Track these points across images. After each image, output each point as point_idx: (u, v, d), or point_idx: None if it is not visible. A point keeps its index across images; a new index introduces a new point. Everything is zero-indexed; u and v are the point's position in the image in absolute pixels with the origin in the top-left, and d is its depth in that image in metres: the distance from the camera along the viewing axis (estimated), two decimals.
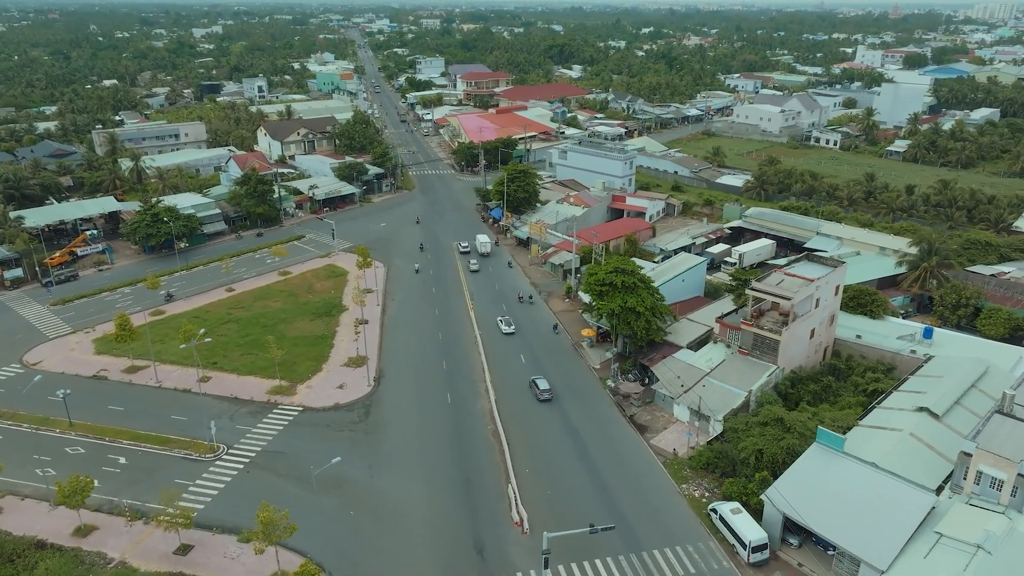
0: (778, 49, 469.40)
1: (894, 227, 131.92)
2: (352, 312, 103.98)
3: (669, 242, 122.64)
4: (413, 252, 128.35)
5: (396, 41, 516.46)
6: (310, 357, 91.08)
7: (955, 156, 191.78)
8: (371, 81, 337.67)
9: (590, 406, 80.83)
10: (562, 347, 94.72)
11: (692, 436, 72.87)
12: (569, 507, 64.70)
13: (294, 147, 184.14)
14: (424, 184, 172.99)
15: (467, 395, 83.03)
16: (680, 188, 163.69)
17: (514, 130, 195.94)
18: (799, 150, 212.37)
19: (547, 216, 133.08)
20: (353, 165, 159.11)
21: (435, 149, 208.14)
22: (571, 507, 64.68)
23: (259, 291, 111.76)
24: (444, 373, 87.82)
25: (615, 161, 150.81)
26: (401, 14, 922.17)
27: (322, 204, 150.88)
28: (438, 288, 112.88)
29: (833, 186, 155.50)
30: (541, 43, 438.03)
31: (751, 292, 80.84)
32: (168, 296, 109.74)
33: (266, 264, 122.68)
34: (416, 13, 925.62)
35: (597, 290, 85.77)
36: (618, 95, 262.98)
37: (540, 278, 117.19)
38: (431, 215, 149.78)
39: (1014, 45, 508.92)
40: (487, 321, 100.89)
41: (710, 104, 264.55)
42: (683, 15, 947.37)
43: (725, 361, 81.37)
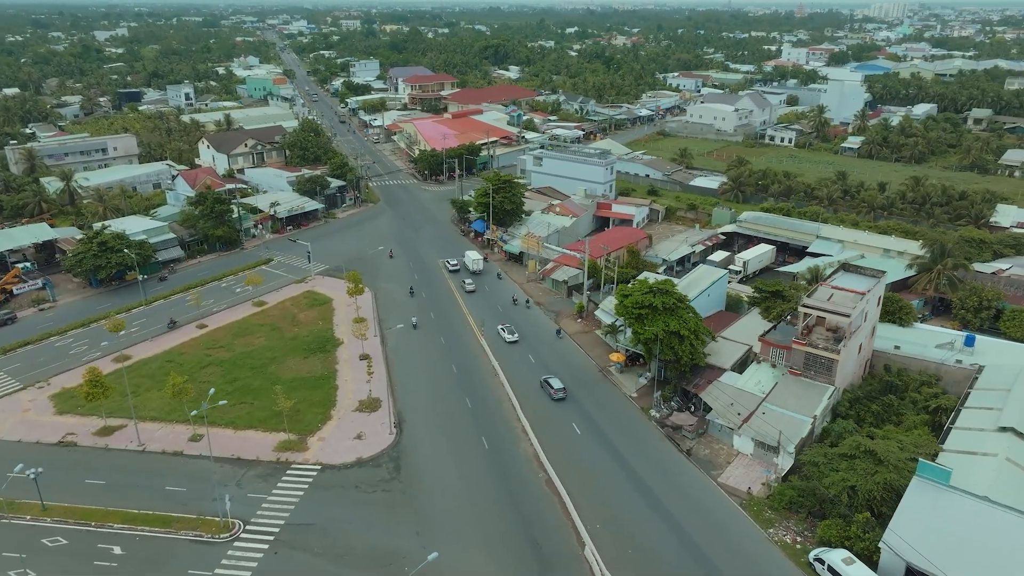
0: (705, 47, 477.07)
1: (879, 226, 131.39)
2: (349, 346, 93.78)
3: (670, 251, 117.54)
4: (398, 273, 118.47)
5: (320, 43, 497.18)
6: (314, 403, 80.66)
7: (908, 151, 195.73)
8: (305, 87, 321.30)
9: (640, 442, 74.08)
10: (589, 373, 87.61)
11: (771, 473, 67.03)
12: (656, 567, 57.72)
13: (242, 160, 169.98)
14: (389, 196, 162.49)
15: (503, 437, 74.79)
16: (656, 192, 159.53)
17: (475, 136, 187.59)
18: (756, 148, 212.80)
19: (536, 228, 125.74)
20: (314, 178, 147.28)
21: (391, 158, 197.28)
22: (659, 567, 57.72)
23: (236, 326, 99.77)
24: (470, 412, 79.23)
25: (596, 167, 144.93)
26: (316, 15, 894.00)
27: (285, 222, 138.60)
28: (436, 313, 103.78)
29: (810, 186, 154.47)
30: (475, 44, 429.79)
31: (804, 309, 75.94)
32: (172, 323, 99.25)
33: (236, 294, 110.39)
34: (333, 14, 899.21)
35: (635, 313, 79.04)
36: (569, 97, 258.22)
37: (542, 296, 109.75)
38: (405, 231, 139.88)
39: (919, 42, 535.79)
40: (502, 349, 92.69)
41: (659, 104, 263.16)
42: (601, 15, 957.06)
43: (778, 384, 76.17)
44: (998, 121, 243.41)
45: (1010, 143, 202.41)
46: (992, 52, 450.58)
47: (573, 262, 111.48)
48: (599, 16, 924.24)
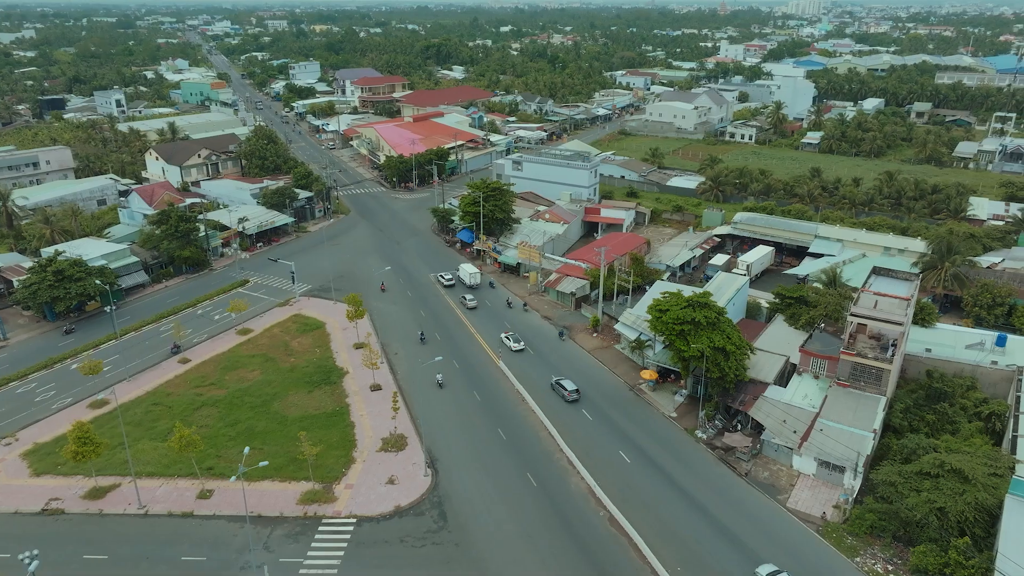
0: (644, 45, 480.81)
1: (864, 223, 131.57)
2: (356, 375, 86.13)
3: (672, 256, 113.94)
4: (390, 291, 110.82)
5: (251, 44, 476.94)
6: (332, 444, 73.00)
7: (867, 146, 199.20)
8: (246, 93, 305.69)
9: (694, 467, 69.69)
10: (620, 392, 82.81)
11: (847, 497, 63.56)
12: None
13: (195, 172, 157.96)
14: (360, 206, 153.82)
15: (549, 472, 69.13)
16: (636, 194, 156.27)
17: (441, 139, 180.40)
18: (717, 146, 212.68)
19: (530, 236, 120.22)
20: (281, 190, 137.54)
21: (352, 165, 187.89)
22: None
23: (223, 359, 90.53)
24: (506, 445, 73.19)
25: (580, 170, 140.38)
26: (238, 15, 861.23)
27: (254, 239, 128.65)
28: (442, 334, 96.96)
29: (789, 184, 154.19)
30: (415, 44, 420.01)
31: (853, 319, 73.07)
32: (175, 348, 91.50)
33: (216, 322, 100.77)
34: (256, 14, 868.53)
35: (676, 329, 74.61)
36: (527, 97, 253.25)
37: (549, 309, 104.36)
38: (386, 244, 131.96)
39: (842, 38, 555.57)
40: (518, 365, 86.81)
41: (615, 103, 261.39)
42: (531, 13, 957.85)
43: (828, 397, 73.13)
44: (939, 114, 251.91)
45: (959, 136, 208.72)
46: (911, 48, 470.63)
47: (577, 272, 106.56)
48: (529, 14, 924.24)
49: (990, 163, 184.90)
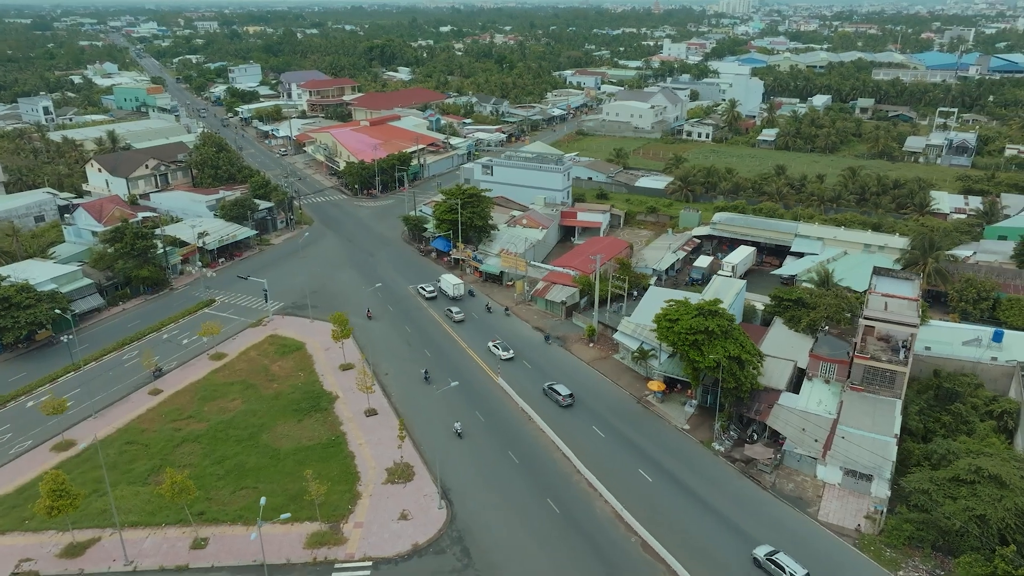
0: (587, 44, 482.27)
1: (835, 219, 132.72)
2: (347, 400, 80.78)
3: (657, 260, 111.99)
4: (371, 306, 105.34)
5: (183, 47, 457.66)
6: (333, 478, 67.73)
7: (821, 142, 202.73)
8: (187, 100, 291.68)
9: (717, 482, 67.33)
10: (626, 405, 79.97)
11: (881, 507, 62.04)
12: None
13: (143, 184, 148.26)
14: (322, 216, 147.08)
15: (571, 497, 65.64)
16: (606, 195, 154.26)
17: (401, 144, 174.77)
18: (675, 145, 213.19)
19: (511, 243, 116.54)
20: (241, 201, 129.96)
21: (308, 171, 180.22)
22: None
23: (199, 388, 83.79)
24: (520, 470, 69.33)
25: (554, 173, 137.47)
26: (166, 16, 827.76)
27: (215, 254, 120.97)
28: (432, 350, 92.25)
29: (757, 182, 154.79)
30: (358, 45, 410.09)
31: (866, 322, 72.01)
32: (158, 372, 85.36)
33: (184, 346, 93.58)
34: (184, 15, 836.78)
35: (689, 340, 72.15)
36: (481, 98, 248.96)
37: (538, 319, 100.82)
38: (357, 255, 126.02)
39: (776, 36, 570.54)
40: (526, 387, 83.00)
41: (570, 103, 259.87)
42: (468, 13, 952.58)
43: (844, 402, 71.88)
44: (881, 109, 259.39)
45: (905, 131, 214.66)
46: (843, 45, 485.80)
47: (565, 280, 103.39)
48: (466, 14, 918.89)
49: (938, 157, 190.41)
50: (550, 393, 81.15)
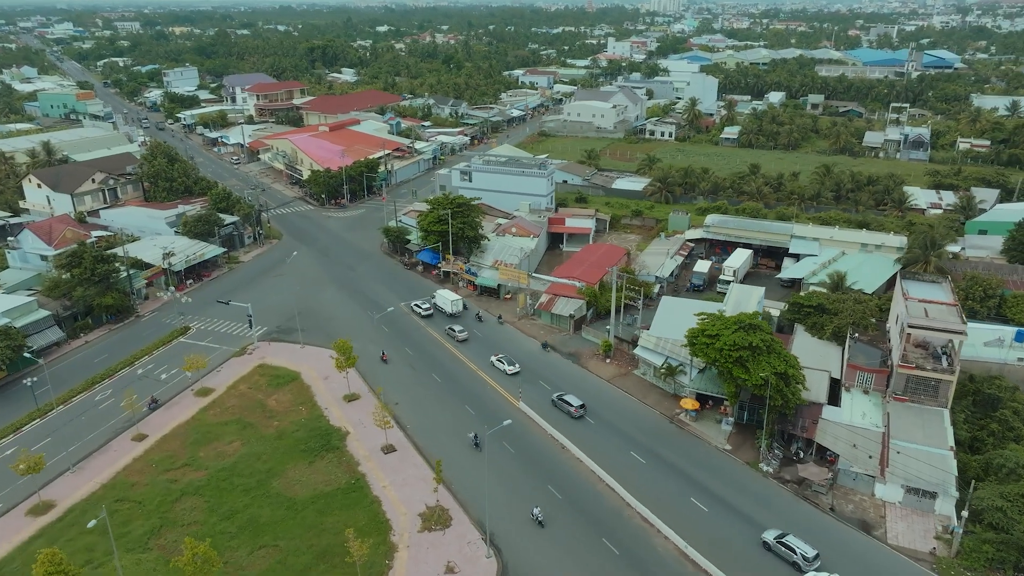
0: (530, 43, 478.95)
1: (819, 217, 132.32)
2: (359, 435, 73.86)
3: (657, 266, 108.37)
4: (364, 327, 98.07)
5: (107, 49, 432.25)
6: (361, 528, 61.00)
7: (784, 139, 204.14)
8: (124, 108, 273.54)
9: (775, 508, 63.69)
10: (659, 425, 75.72)
11: (958, 528, 59.32)
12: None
13: (90, 199, 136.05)
14: (291, 229, 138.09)
15: (626, 534, 60.88)
16: (585, 199, 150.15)
17: (365, 150, 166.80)
18: (639, 144, 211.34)
19: (503, 254, 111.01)
20: (206, 216, 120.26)
21: (266, 181, 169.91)
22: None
23: (189, 430, 75.38)
24: (565, 506, 64.11)
25: (537, 178, 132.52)
26: (81, 16, 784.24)
27: (182, 275, 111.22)
28: (440, 374, 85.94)
29: (735, 181, 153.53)
30: (298, 46, 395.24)
31: (913, 330, 69.68)
32: (153, 403, 78.40)
33: (163, 382, 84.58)
34: (101, 15, 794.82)
35: (733, 356, 68.36)
36: (439, 100, 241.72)
37: (546, 334, 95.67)
38: (337, 271, 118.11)
39: (713, 34, 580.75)
40: (551, 411, 77.74)
41: (527, 103, 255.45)
42: (401, 12, 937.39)
43: (890, 414, 69.39)
44: (831, 105, 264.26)
45: (860, 126, 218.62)
46: (777, 43, 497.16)
47: (570, 291, 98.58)
48: (401, 13, 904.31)
49: (897, 152, 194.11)
50: (560, 404, 78.12)
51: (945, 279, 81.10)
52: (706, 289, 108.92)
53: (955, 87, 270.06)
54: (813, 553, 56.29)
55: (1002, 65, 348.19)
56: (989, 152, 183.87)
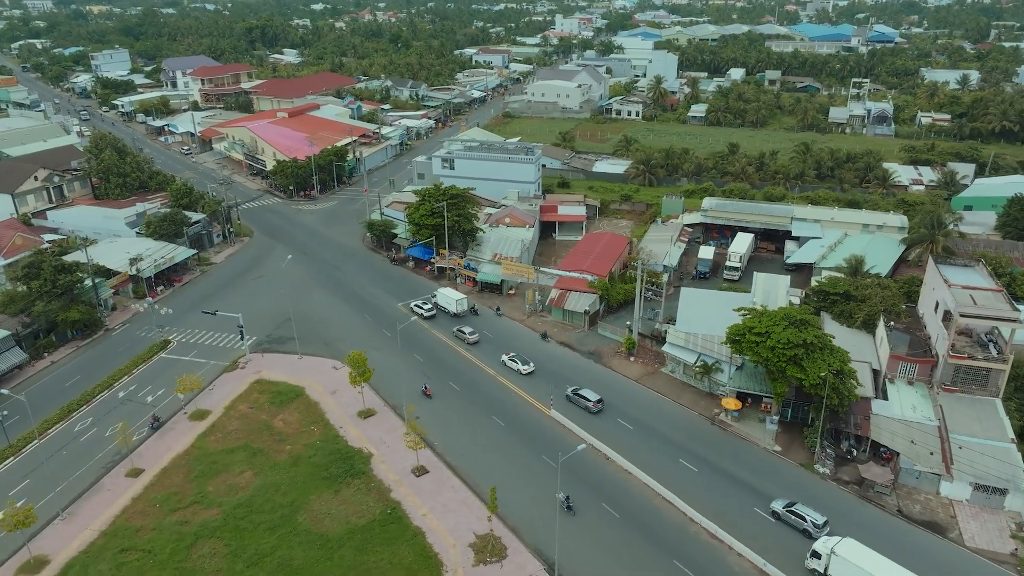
0: (476, 21, 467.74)
1: (808, 197, 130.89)
2: (384, 455, 67.61)
3: (664, 255, 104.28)
4: (364, 334, 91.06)
5: (21, 30, 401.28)
6: (408, 566, 55.25)
7: (752, 116, 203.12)
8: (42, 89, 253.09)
9: (836, 512, 60.13)
10: (700, 426, 71.85)
11: None
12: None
13: (33, 199, 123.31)
14: (262, 224, 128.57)
15: (697, 552, 56.85)
16: (567, 184, 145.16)
17: (332, 136, 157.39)
18: (607, 124, 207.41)
19: (501, 247, 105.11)
20: (172, 216, 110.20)
21: (224, 173, 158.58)
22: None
23: (190, 461, 67.60)
24: (625, 525, 59.58)
25: (524, 164, 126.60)
26: None
27: (152, 282, 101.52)
28: (458, 383, 79.85)
29: (718, 161, 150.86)
30: (235, 26, 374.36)
31: (966, 319, 67.34)
32: (156, 421, 71.69)
33: (149, 405, 76.07)
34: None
35: (787, 355, 64.72)
36: (397, 82, 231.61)
37: (559, 332, 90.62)
38: (321, 270, 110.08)
39: (657, 10, 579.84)
40: (586, 418, 72.84)
41: (487, 84, 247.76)
42: None
43: (944, 407, 67.21)
44: (788, 81, 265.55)
45: (824, 101, 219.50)
46: (720, 18, 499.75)
47: (580, 285, 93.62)
48: None
49: (864, 127, 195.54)
50: (576, 400, 74.80)
51: (978, 263, 79.35)
52: (711, 276, 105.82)
53: (903, 62, 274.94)
54: (823, 520, 57.55)
55: (939, 39, 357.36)
56: (952, 126, 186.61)
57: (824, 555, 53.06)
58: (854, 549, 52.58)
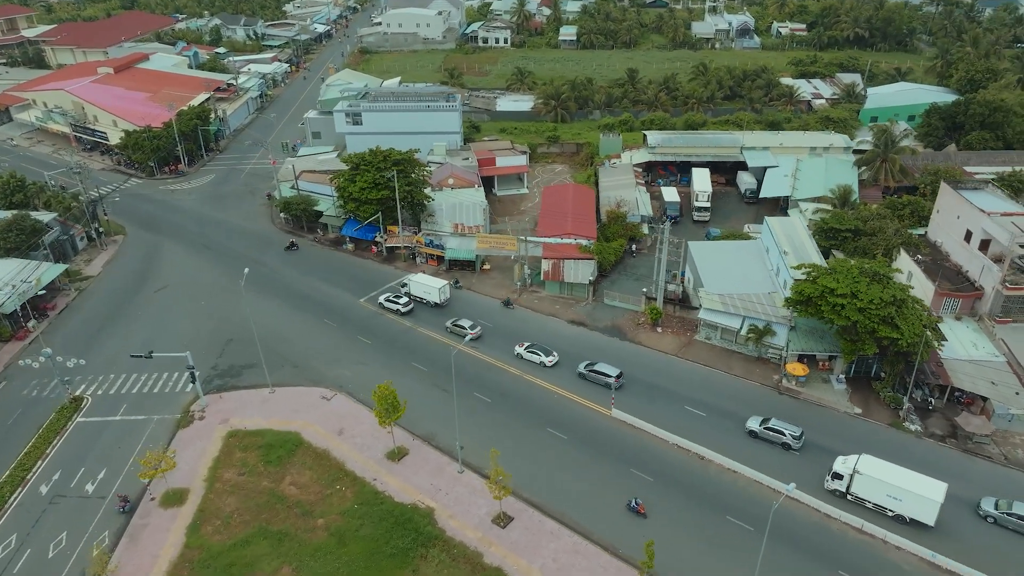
0: None
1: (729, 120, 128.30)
2: (450, 508, 54.68)
3: (636, 203, 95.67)
4: (327, 343, 74.41)
5: None
6: None
7: (624, 36, 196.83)
8: None
9: (950, 474, 56.38)
10: (770, 400, 65.59)
11: None
12: None
13: None
14: (132, 216, 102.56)
15: (855, 553, 50.90)
16: (478, 128, 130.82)
17: (182, 94, 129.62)
18: (476, 54, 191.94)
19: (459, 215, 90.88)
20: (20, 222, 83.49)
21: (40, 151, 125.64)
22: None
23: (198, 567, 50.30)
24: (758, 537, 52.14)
25: (447, 113, 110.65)
26: None
27: (20, 317, 76.46)
28: (484, 392, 67.09)
29: (626, 91, 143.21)
30: None
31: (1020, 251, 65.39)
32: (124, 503, 54.31)
33: (91, 497, 56.30)
34: None
35: (881, 315, 59.16)
36: (227, 19, 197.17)
37: (560, 309, 79.80)
38: (235, 266, 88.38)
39: None
40: (655, 412, 63.62)
41: (329, 15, 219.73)
42: None
43: (1007, 341, 65.90)
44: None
45: (684, 16, 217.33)
46: None
47: (571, 252, 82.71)
48: None
49: (732, 41, 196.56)
50: (593, 377, 67.39)
51: (987, 184, 78.54)
52: (681, 219, 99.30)
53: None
54: (799, 431, 59.20)
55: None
56: (810, 36, 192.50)
57: (846, 475, 53.76)
58: (874, 465, 53.73)
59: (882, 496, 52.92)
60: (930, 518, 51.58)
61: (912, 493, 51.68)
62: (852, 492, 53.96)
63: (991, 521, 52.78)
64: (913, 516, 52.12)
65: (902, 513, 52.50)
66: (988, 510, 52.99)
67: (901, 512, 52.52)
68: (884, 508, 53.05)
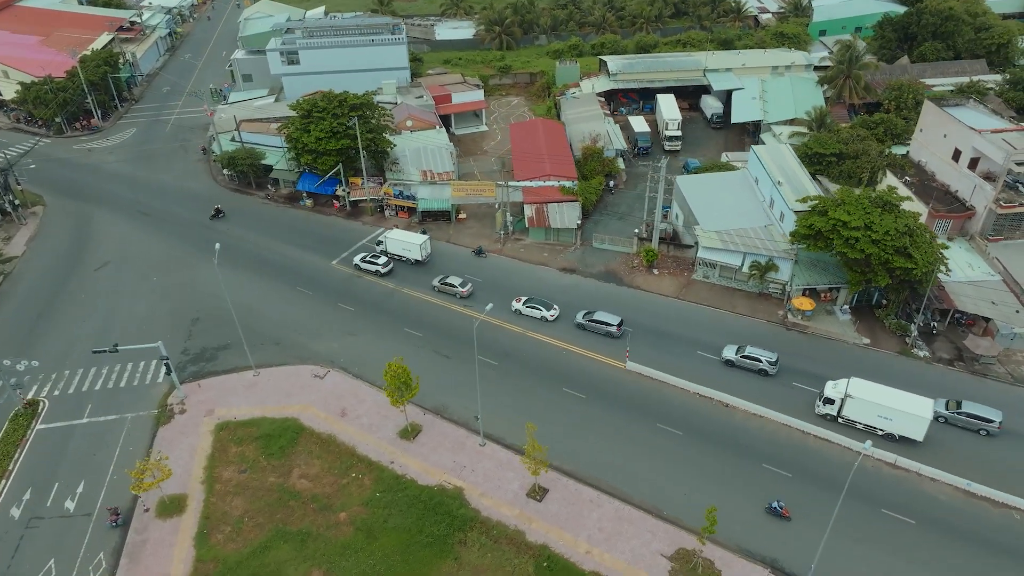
0: None
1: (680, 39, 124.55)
2: (481, 485, 51.47)
3: (606, 136, 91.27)
4: (303, 312, 68.48)
5: None
6: None
7: None
8: None
9: (965, 394, 57.66)
10: (781, 339, 64.37)
11: None
12: None
13: None
14: (49, 183, 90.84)
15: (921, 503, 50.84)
16: (420, 60, 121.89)
17: (80, 36, 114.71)
18: None
19: (425, 161, 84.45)
20: None
21: None
22: None
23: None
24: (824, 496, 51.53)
25: (393, 46, 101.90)
26: None
27: None
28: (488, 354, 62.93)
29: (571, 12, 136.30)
30: None
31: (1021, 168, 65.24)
32: (115, 520, 49.39)
33: (73, 515, 50.21)
34: None
35: (896, 245, 58.03)
36: None
37: (549, 256, 75.91)
38: (185, 234, 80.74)
39: None
40: (665, 360, 61.45)
41: None
42: None
43: (1000, 260, 66.59)
44: None
45: None
46: None
47: (552, 194, 78.37)
48: None
49: None
50: (593, 327, 64.94)
51: (969, 99, 77.89)
52: (651, 150, 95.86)
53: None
54: (775, 357, 59.61)
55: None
56: None
57: (837, 399, 54.32)
58: (864, 387, 54.30)
59: (873, 417, 53.66)
60: (919, 434, 52.62)
61: (902, 412, 52.53)
62: (843, 415, 54.66)
63: (942, 420, 54.64)
64: (903, 434, 53.09)
65: (892, 432, 53.40)
66: (939, 411, 54.62)
67: (891, 431, 53.43)
68: (875, 428, 53.83)
